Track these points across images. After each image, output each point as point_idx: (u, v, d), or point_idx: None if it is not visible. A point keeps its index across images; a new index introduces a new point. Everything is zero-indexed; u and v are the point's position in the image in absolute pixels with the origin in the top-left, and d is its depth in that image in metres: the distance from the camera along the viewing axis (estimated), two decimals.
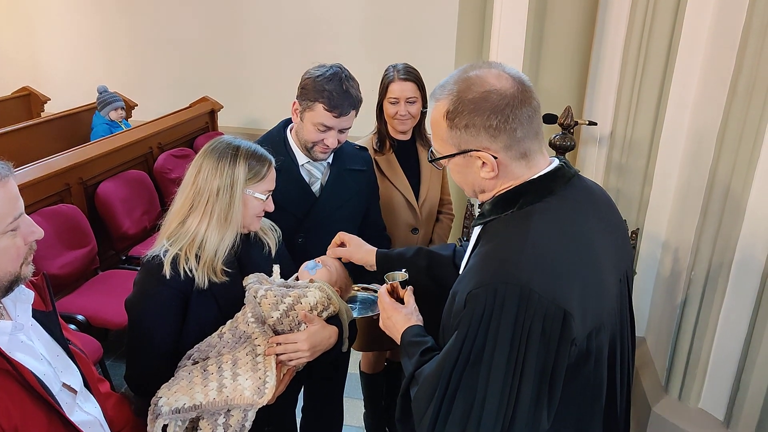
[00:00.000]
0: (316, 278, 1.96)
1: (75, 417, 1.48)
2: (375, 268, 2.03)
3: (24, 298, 1.45)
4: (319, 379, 2.50)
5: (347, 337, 2.00)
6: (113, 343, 3.94)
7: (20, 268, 1.39)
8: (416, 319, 1.66)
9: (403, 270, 1.81)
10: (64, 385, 1.49)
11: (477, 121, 1.36)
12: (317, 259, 2.07)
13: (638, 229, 3.13)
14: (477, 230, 1.52)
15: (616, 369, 1.47)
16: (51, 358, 1.48)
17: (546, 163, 1.45)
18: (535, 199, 1.40)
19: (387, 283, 1.76)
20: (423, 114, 2.83)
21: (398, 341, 1.64)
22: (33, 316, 1.48)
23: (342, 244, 2.09)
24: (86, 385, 1.57)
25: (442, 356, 1.37)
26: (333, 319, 1.95)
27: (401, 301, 1.72)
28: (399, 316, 1.66)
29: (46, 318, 1.53)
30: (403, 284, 1.75)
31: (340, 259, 2.09)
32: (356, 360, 3.15)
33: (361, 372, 3.22)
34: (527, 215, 1.38)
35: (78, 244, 3.80)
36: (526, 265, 1.28)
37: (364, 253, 2.05)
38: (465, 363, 1.30)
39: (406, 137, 2.88)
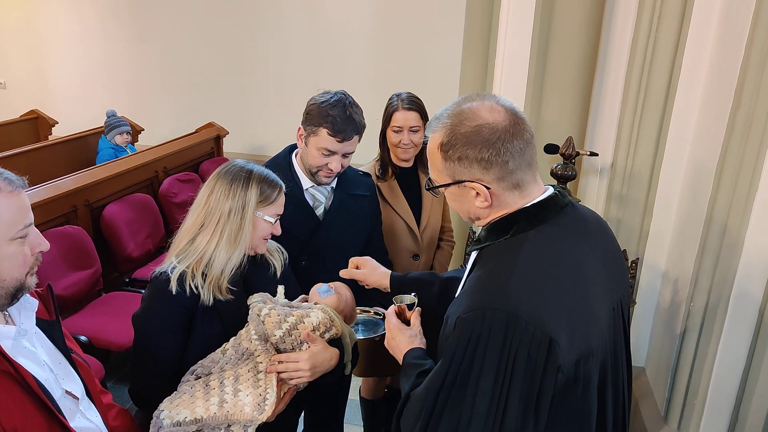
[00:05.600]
0: (326, 303, 1.99)
1: (76, 423, 1.51)
2: (389, 290, 2.08)
3: (29, 306, 1.51)
4: (319, 403, 2.51)
5: (349, 360, 2.02)
6: (115, 365, 3.94)
7: (25, 276, 1.45)
8: (419, 341, 1.69)
9: (413, 293, 1.84)
10: (67, 392, 1.52)
11: (470, 154, 1.40)
12: (331, 284, 2.08)
13: (638, 258, 3.15)
14: (474, 255, 1.55)
15: (606, 396, 1.48)
16: (53, 365, 1.52)
17: (540, 191, 1.49)
18: (527, 227, 1.43)
19: (395, 305, 1.79)
20: (425, 142, 2.86)
21: (401, 362, 1.66)
22: (37, 325, 1.53)
23: (357, 268, 2.14)
24: (89, 394, 1.60)
25: (430, 377, 1.39)
26: (335, 343, 1.97)
27: (408, 323, 1.75)
28: (403, 338, 1.69)
29: (50, 327, 1.58)
30: (410, 307, 1.78)
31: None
32: (356, 386, 3.15)
33: (361, 398, 3.22)
34: (519, 242, 1.41)
35: (83, 265, 3.82)
36: (513, 291, 1.31)
37: (378, 276, 2.10)
38: (451, 385, 1.32)
39: (409, 164, 2.92)
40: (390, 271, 2.11)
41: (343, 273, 2.12)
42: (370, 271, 2.12)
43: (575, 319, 1.34)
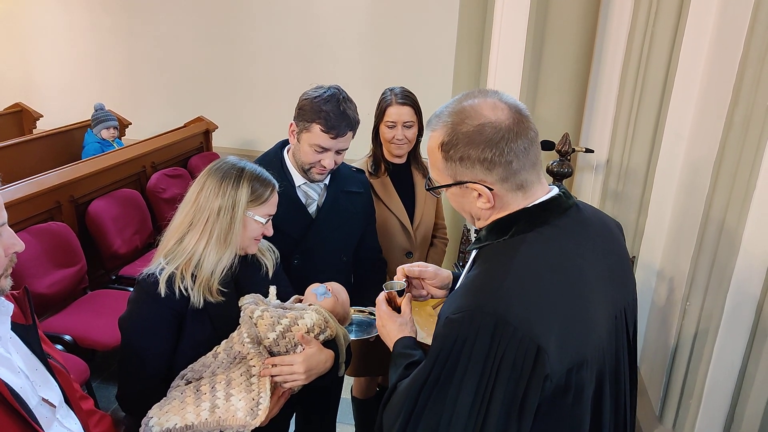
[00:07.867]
0: (322, 305, 1.94)
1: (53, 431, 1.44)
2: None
3: (3, 310, 1.43)
4: (311, 404, 2.47)
5: (343, 361, 1.98)
6: (100, 365, 3.86)
7: None
8: (410, 330, 1.65)
9: (403, 279, 1.78)
10: (44, 399, 1.45)
11: (472, 154, 1.35)
12: (327, 285, 2.04)
13: (634, 257, 3.13)
14: (473, 254, 1.51)
15: (603, 406, 1.43)
16: (29, 371, 1.45)
17: (544, 192, 1.44)
18: (527, 228, 1.38)
19: (384, 292, 1.74)
20: (419, 138, 2.83)
21: (391, 350, 1.63)
22: (12, 330, 1.45)
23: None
24: (67, 401, 1.53)
25: (414, 374, 1.37)
26: (329, 344, 1.93)
27: (399, 310, 1.71)
28: (393, 325, 1.66)
29: (26, 332, 1.50)
30: (401, 293, 1.73)
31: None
32: (348, 385, 3.11)
33: (353, 397, 3.19)
34: (517, 244, 1.36)
35: (67, 262, 3.75)
36: (505, 294, 1.27)
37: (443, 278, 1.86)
38: (434, 384, 1.29)
39: (402, 160, 2.88)
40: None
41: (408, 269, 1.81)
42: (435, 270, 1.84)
43: (569, 326, 1.29)
